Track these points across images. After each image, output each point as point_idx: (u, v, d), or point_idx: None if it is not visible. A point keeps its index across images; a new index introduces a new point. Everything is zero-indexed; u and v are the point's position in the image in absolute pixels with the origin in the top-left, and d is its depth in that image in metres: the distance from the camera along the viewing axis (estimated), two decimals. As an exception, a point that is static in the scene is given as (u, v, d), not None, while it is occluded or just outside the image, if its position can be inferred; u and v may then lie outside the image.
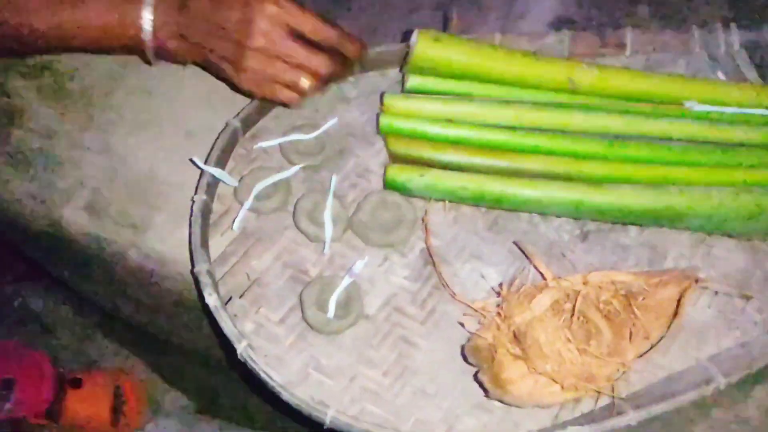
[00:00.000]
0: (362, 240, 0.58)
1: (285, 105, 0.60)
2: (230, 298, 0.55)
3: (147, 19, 0.54)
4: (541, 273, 0.52)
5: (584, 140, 0.60)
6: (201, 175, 0.57)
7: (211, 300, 0.52)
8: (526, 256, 0.55)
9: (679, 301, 0.49)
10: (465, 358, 0.49)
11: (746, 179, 0.58)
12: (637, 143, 0.60)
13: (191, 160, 0.58)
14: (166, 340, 0.80)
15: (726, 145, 0.60)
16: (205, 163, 0.57)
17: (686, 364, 0.53)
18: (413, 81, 0.62)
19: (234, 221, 0.57)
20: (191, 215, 0.55)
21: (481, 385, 0.48)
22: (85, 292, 0.80)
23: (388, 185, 0.59)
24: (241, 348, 0.50)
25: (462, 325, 0.51)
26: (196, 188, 0.56)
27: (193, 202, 0.56)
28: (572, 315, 0.45)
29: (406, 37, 0.61)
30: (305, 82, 0.57)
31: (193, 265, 0.53)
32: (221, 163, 0.59)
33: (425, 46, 0.60)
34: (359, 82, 0.65)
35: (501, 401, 0.47)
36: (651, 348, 0.49)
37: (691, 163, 0.59)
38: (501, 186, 0.57)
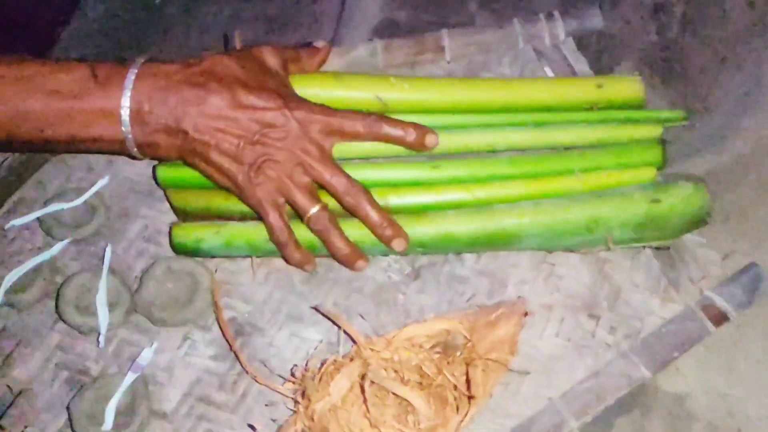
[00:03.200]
0: (151, 322, 0.48)
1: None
2: (-19, 426, 0.44)
3: (125, 107, 0.45)
4: (351, 338, 0.44)
5: (400, 165, 0.52)
6: (-71, 275, 0.46)
7: (-55, 438, 0.41)
8: (331, 320, 0.47)
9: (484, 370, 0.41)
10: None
11: (582, 186, 0.52)
12: (460, 160, 0.53)
13: None
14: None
15: (557, 149, 0.54)
16: (-65, 258, 0.46)
17: (538, 407, 0.47)
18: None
19: (-21, 326, 0.46)
20: None
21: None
22: None
23: (178, 249, 0.50)
24: (-14, 495, 0.40)
25: (253, 428, 0.42)
26: None
27: None
28: (364, 395, 0.37)
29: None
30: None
31: None
32: (-38, 254, 0.48)
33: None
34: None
35: None
36: (476, 409, 0.42)
37: (521, 176, 0.52)
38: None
